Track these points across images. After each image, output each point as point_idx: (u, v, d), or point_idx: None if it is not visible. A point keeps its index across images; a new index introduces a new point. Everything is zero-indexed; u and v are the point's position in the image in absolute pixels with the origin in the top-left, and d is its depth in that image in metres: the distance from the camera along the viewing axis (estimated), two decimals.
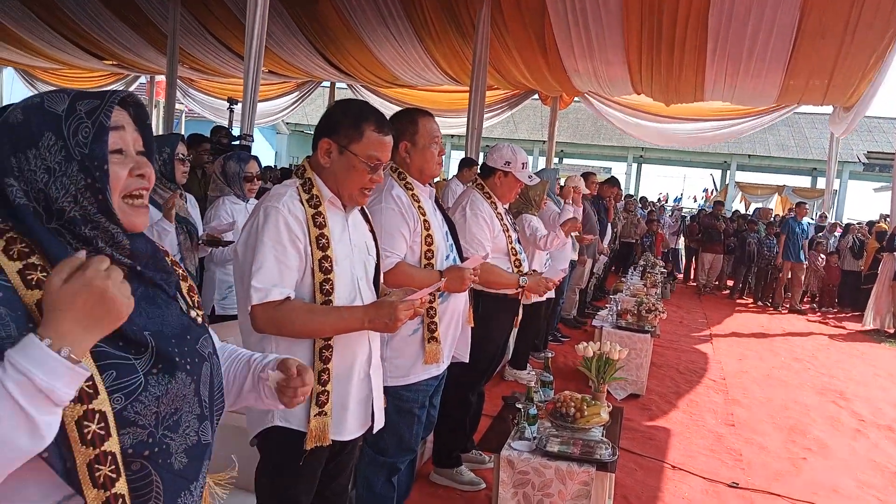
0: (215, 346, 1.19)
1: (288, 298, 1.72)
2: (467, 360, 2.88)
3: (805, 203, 12.40)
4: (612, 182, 7.74)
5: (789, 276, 10.89)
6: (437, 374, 2.62)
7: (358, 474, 2.48)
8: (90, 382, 0.93)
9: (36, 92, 1.21)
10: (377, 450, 2.52)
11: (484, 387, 3.62)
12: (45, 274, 0.95)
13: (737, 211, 15.24)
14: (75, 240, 0.98)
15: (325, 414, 1.78)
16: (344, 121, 1.81)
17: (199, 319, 1.15)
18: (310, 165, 1.86)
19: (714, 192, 23.26)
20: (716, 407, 5.26)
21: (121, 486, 0.96)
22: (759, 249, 11.07)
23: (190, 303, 1.16)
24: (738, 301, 11.34)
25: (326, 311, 1.74)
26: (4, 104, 3.58)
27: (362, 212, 2.01)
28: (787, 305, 10.94)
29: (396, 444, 2.53)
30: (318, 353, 1.78)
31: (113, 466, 0.95)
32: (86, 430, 0.92)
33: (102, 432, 0.93)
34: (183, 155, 3.07)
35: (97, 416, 0.93)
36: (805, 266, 10.82)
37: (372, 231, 2.02)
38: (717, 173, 24.13)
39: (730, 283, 11.95)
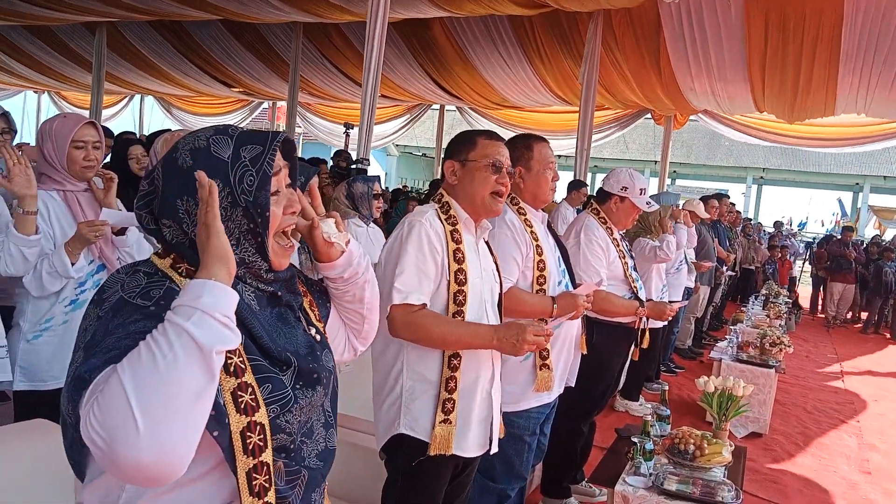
0: (334, 359, 1.26)
1: (424, 306, 1.83)
2: (573, 384, 2.82)
3: None
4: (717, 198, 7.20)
5: None
6: (549, 401, 2.58)
7: (469, 500, 2.47)
8: (253, 396, 1.00)
9: (170, 117, 1.32)
10: (487, 476, 2.49)
11: (595, 417, 3.51)
12: None
13: (875, 236, 14.06)
14: None
15: (450, 423, 1.85)
16: (459, 141, 2.03)
17: (318, 337, 1.22)
18: (445, 192, 2.02)
19: (843, 216, 21.62)
20: (848, 452, 4.83)
21: (271, 496, 1.03)
22: None
23: (311, 318, 1.23)
24: (872, 336, 10.42)
25: (459, 324, 1.85)
26: (159, 129, 3.89)
27: (487, 244, 2.11)
28: None
29: (506, 471, 2.50)
30: (447, 362, 1.87)
31: (267, 476, 1.02)
32: (248, 441, 0.99)
33: (262, 443, 1.00)
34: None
35: (258, 427, 1.00)
36: None
37: (496, 261, 2.12)
38: (848, 195, 22.40)
39: (863, 315, 11.01)
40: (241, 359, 1.01)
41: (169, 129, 2.87)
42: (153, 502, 1.00)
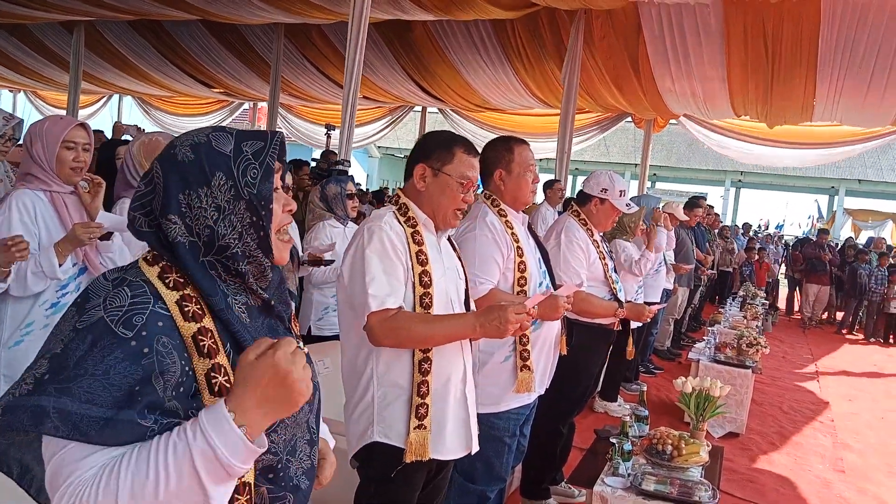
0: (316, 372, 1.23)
1: (401, 308, 1.79)
2: (545, 389, 2.82)
3: None
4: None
5: None
6: (528, 402, 2.59)
7: (447, 502, 2.47)
8: None
9: (148, 118, 1.33)
10: (467, 478, 2.50)
11: (574, 418, 3.53)
12: (198, 307, 1.00)
13: (849, 239, 14.29)
14: (227, 274, 1.03)
15: (425, 427, 1.82)
16: (436, 146, 1.93)
17: (304, 350, 1.19)
18: (404, 193, 1.96)
19: (820, 219, 21.95)
20: (823, 451, 4.90)
21: None
22: (871, 282, 10.31)
23: (293, 332, 1.20)
24: (848, 337, 10.59)
25: (438, 318, 1.82)
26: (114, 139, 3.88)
27: (449, 240, 2.08)
28: None
29: (486, 473, 2.51)
30: (417, 366, 1.84)
31: (248, 497, 1.00)
32: None
33: None
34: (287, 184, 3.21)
35: None
36: None
37: (459, 258, 2.08)
38: (824, 199, 22.75)
39: (838, 316, 11.18)
40: (225, 378, 0.99)
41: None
42: None
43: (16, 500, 1.84)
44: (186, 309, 0.98)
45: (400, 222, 1.89)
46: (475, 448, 1.98)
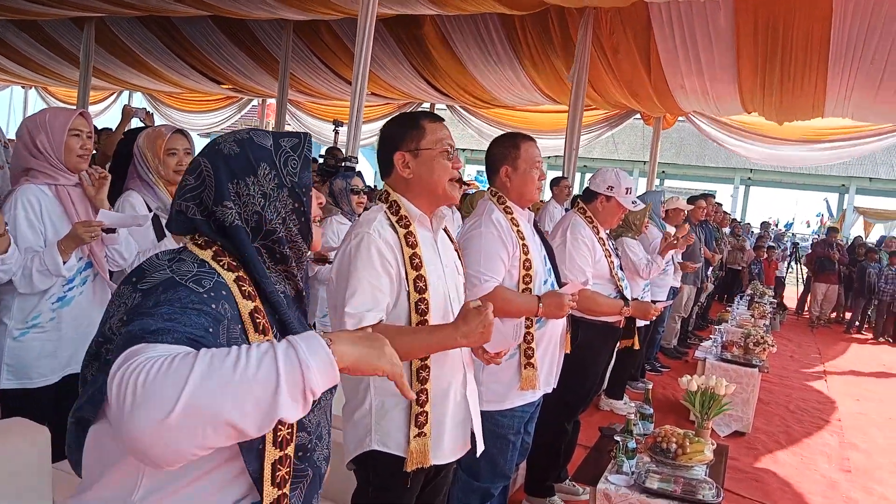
0: None
1: (380, 322, 1.72)
2: (554, 387, 2.81)
3: None
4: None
5: None
6: (533, 400, 2.59)
7: (451, 499, 2.48)
8: None
9: (158, 113, 1.42)
10: (471, 475, 2.51)
11: (580, 416, 3.53)
12: (251, 289, 1.07)
13: (858, 238, 14.18)
14: (272, 261, 1.13)
15: (425, 435, 1.78)
16: (403, 130, 1.85)
17: None
18: (392, 188, 1.87)
19: (830, 218, 21.80)
20: (830, 451, 4.88)
21: (287, 489, 1.05)
22: (880, 281, 10.24)
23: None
24: (856, 336, 10.53)
25: (419, 332, 1.72)
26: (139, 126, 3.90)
27: (447, 232, 2.01)
28: None
29: (490, 470, 2.52)
30: (415, 374, 1.78)
31: (289, 469, 1.05)
32: (278, 433, 1.02)
33: (289, 436, 1.04)
34: None
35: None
36: None
37: (457, 250, 2.03)
38: (834, 197, 22.61)
39: (847, 315, 11.12)
40: None
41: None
42: (170, 497, 1.00)
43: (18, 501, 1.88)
44: (243, 289, 1.06)
45: (392, 223, 1.80)
46: (480, 447, 1.95)
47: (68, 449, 1.08)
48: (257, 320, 1.04)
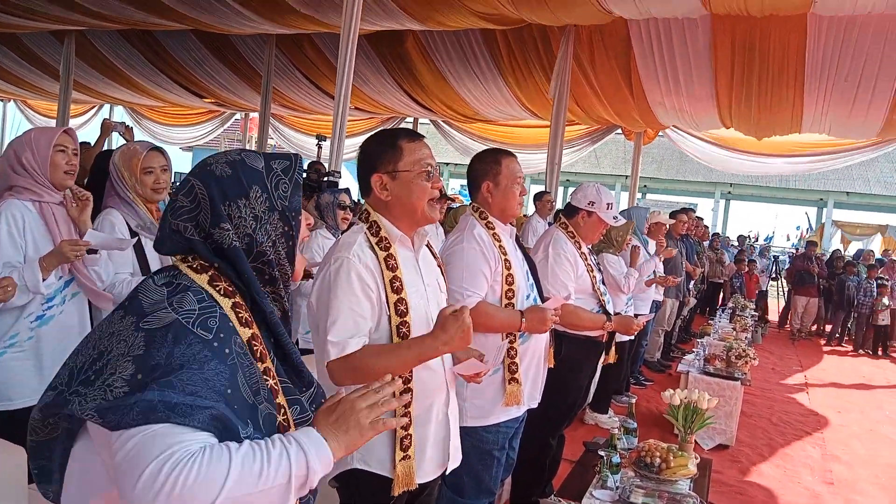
0: None
1: (363, 347, 1.71)
2: (538, 402, 2.80)
3: None
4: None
5: None
6: (518, 415, 2.59)
7: None
8: (285, 416, 1.09)
9: (139, 127, 1.45)
10: (456, 491, 2.49)
11: (564, 430, 3.52)
12: (248, 314, 1.10)
13: (836, 251, 14.38)
14: (260, 280, 1.13)
15: (410, 458, 1.78)
16: (380, 150, 1.81)
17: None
18: (372, 208, 1.84)
19: (809, 231, 22.11)
20: (812, 462, 4.91)
21: None
22: (859, 294, 10.38)
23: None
24: (837, 349, 10.64)
25: (399, 348, 1.71)
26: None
27: (430, 248, 2.00)
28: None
29: (475, 487, 2.50)
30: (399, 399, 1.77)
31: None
32: None
33: None
34: None
35: None
36: None
37: (440, 266, 2.02)
38: (813, 211, 22.94)
39: (828, 328, 11.23)
40: (274, 381, 1.09)
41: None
42: None
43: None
44: (240, 315, 1.08)
45: (372, 246, 1.77)
46: (452, 465, 1.94)
47: (40, 475, 1.07)
48: (255, 347, 1.07)
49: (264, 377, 1.06)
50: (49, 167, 2.28)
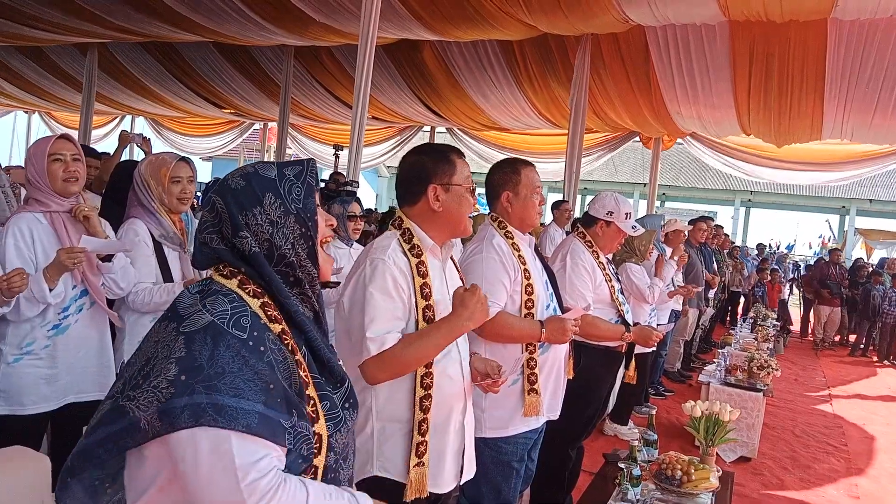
0: None
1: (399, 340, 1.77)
2: (558, 413, 2.78)
3: None
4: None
5: None
6: (537, 426, 2.56)
7: None
8: (314, 408, 1.13)
9: (160, 138, 1.50)
10: (474, 502, 2.46)
11: (584, 441, 3.49)
12: (276, 313, 1.15)
13: (859, 259, 14.15)
14: (285, 283, 1.18)
15: (424, 464, 1.79)
16: (436, 163, 1.90)
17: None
18: (409, 217, 1.90)
19: (831, 240, 21.79)
20: (837, 476, 4.81)
21: None
22: (884, 303, 10.19)
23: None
24: (861, 359, 10.46)
25: (420, 335, 1.76)
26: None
27: (453, 261, 2.05)
28: None
29: (494, 498, 2.47)
30: (418, 404, 1.79)
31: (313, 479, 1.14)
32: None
33: (317, 451, 1.13)
34: None
35: (317, 437, 1.13)
36: None
37: (462, 280, 2.06)
38: (835, 218, 22.62)
39: (851, 338, 11.05)
40: (305, 373, 1.13)
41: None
42: None
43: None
44: (269, 313, 1.13)
45: (405, 252, 1.83)
46: (466, 476, 1.95)
47: (63, 485, 1.09)
48: (285, 341, 1.12)
49: (296, 368, 1.12)
50: (48, 177, 2.30)
